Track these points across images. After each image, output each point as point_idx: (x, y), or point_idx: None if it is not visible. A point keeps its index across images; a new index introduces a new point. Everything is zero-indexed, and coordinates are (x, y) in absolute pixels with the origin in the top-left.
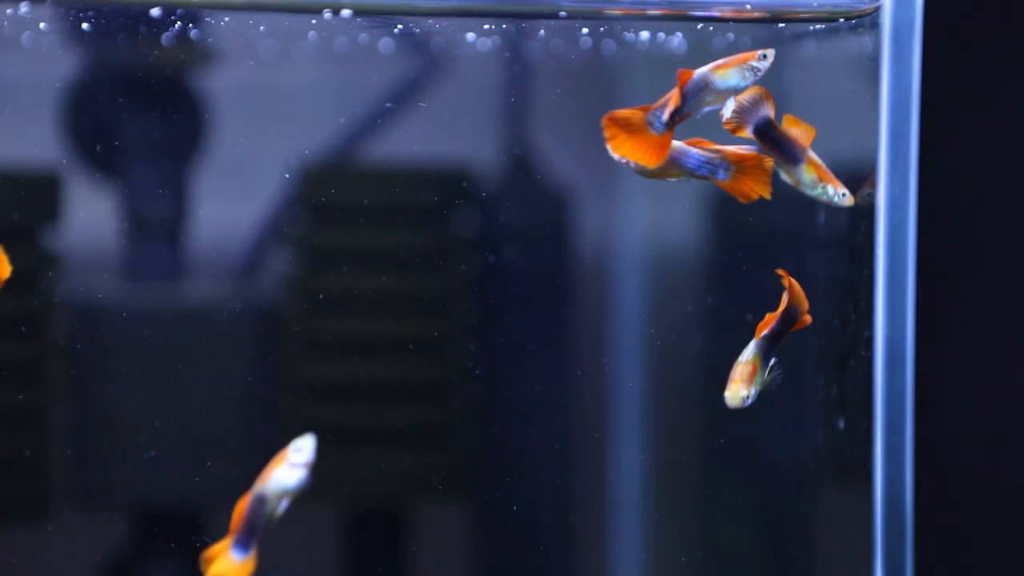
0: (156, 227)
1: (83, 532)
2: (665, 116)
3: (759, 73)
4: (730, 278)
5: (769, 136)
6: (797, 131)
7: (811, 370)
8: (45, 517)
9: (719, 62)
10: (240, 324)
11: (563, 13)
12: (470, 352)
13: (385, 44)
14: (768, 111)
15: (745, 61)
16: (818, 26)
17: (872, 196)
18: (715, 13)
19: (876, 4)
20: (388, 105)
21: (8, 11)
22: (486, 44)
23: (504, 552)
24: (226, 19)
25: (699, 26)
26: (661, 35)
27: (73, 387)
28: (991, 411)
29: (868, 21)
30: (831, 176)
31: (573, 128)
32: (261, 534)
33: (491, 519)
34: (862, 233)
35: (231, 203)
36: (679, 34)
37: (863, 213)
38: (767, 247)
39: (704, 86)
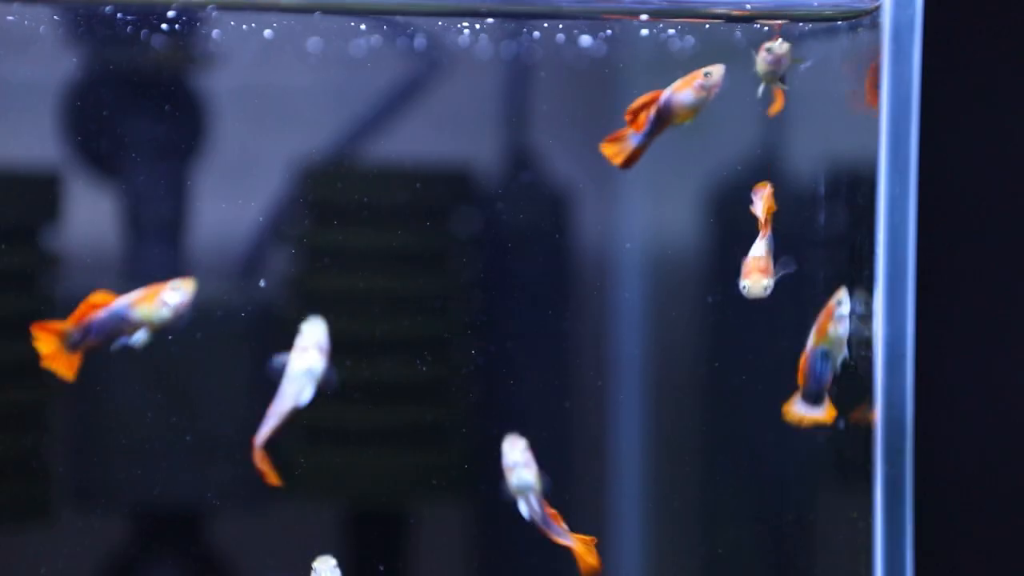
0: (156, 227)
1: (83, 532)
2: (641, 138)
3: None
4: (730, 278)
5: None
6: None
7: None
8: (45, 517)
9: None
10: (240, 324)
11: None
12: (470, 352)
13: (385, 44)
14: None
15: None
16: (818, 26)
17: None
18: (715, 13)
19: (876, 4)
20: (390, 106)
21: (8, 11)
22: (486, 44)
23: (504, 552)
24: (226, 19)
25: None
26: (660, 35)
27: (72, 387)
28: (991, 411)
29: (868, 21)
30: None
31: (573, 128)
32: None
33: (491, 519)
34: (862, 233)
35: (231, 203)
36: (686, 34)
37: (863, 213)
38: None
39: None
